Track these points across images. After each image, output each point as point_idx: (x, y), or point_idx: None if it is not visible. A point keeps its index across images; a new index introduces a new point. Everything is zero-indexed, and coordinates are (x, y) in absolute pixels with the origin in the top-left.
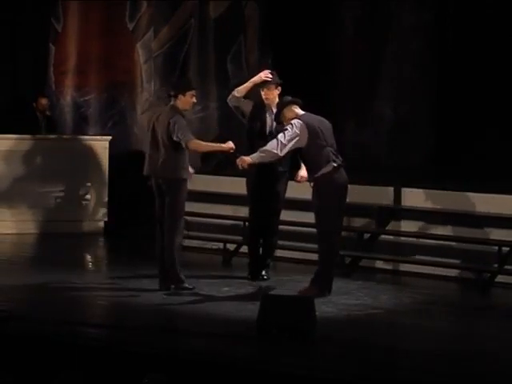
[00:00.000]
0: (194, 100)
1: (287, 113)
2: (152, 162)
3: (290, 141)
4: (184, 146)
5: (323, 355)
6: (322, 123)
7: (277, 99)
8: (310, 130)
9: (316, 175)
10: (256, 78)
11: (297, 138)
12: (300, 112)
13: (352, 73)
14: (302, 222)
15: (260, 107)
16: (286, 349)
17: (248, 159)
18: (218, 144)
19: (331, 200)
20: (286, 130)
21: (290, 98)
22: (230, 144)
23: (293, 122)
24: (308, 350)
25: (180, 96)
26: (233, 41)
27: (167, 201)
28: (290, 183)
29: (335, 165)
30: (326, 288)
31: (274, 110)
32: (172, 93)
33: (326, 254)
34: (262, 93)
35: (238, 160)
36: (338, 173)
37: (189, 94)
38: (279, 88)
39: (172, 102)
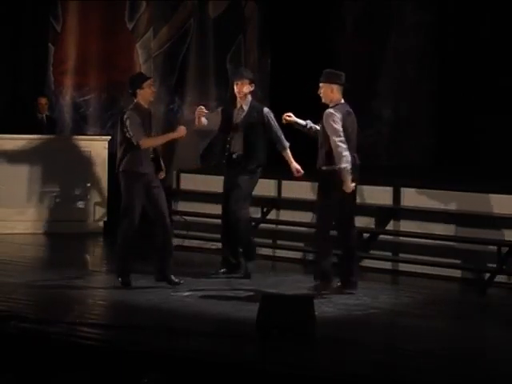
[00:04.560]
0: (153, 89)
1: (336, 91)
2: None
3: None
4: (136, 144)
5: (323, 355)
6: (352, 119)
7: (249, 96)
8: (343, 124)
9: (322, 167)
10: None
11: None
12: (341, 99)
13: (352, 72)
14: (301, 222)
15: (229, 107)
16: (285, 349)
17: (348, 184)
18: (170, 133)
19: (330, 201)
20: (331, 127)
21: (342, 74)
22: (181, 129)
23: (330, 115)
24: (308, 350)
25: (138, 91)
26: (232, 40)
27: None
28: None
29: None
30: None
31: (245, 108)
32: (130, 91)
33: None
34: (235, 86)
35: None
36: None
37: (146, 84)
38: (252, 85)
39: (135, 100)
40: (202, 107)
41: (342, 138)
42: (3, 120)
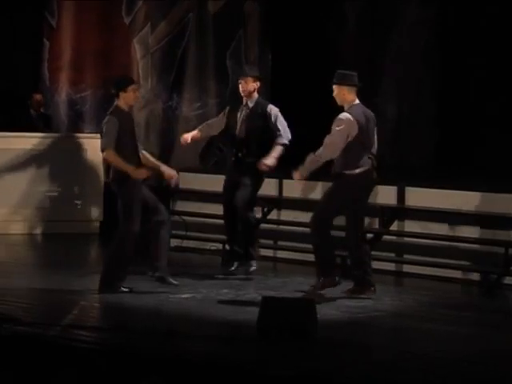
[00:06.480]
0: (137, 94)
1: (348, 93)
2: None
3: (342, 140)
4: (100, 150)
5: (324, 358)
6: (368, 119)
7: (255, 94)
8: (360, 127)
9: (342, 171)
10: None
11: (346, 135)
12: (356, 100)
13: (354, 70)
14: (303, 223)
15: (236, 108)
16: (286, 352)
17: (300, 173)
18: (131, 167)
19: (342, 199)
20: (338, 127)
21: (354, 75)
22: (142, 172)
23: (343, 118)
24: (309, 353)
25: (121, 93)
26: (232, 36)
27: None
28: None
29: (361, 170)
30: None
31: (250, 105)
32: (113, 91)
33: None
34: (240, 86)
35: (295, 175)
36: (363, 177)
37: (131, 88)
38: (258, 83)
39: (115, 102)
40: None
41: (335, 148)
42: None
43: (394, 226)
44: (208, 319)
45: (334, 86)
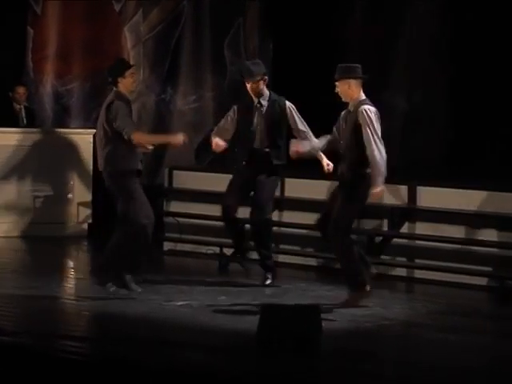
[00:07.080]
0: (136, 79)
1: (354, 87)
2: (99, 156)
3: (379, 134)
4: (127, 138)
5: (329, 369)
6: (378, 113)
7: (265, 90)
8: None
9: (362, 171)
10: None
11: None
12: (363, 95)
13: (361, 61)
14: (307, 224)
15: (246, 106)
16: (288, 363)
17: (380, 189)
18: (166, 136)
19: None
20: (371, 126)
21: (358, 67)
22: (180, 137)
23: (369, 112)
24: (312, 364)
25: (120, 79)
26: (231, 24)
27: (119, 200)
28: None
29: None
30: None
31: (264, 102)
32: (110, 79)
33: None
34: (248, 86)
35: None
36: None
37: (128, 73)
38: (266, 79)
39: (114, 89)
40: (220, 144)
41: (380, 139)
42: None
43: (405, 228)
44: (204, 328)
45: (338, 82)
